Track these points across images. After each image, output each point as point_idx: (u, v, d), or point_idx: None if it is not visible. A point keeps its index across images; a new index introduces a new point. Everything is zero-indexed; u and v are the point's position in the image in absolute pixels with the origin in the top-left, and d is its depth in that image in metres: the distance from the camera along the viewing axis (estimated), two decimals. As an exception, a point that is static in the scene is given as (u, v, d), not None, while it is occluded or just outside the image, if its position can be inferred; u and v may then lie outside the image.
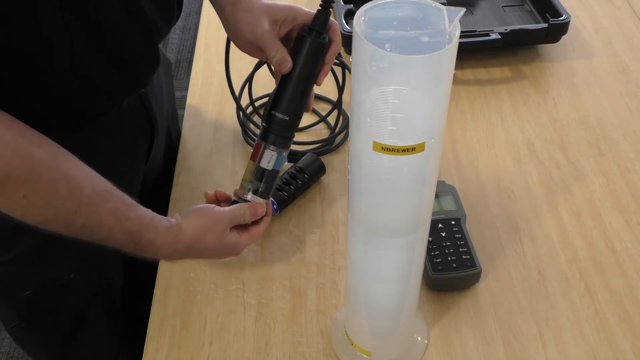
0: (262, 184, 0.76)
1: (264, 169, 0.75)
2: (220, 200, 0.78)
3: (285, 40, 0.76)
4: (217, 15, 0.82)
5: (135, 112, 0.86)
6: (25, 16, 0.63)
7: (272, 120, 0.74)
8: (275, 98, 0.74)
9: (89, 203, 0.65)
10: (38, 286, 0.88)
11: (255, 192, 0.76)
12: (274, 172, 0.76)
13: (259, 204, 0.76)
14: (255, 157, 0.75)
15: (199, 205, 0.75)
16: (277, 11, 0.75)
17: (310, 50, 0.72)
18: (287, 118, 0.74)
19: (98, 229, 0.66)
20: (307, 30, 0.73)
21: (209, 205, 0.75)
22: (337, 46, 0.74)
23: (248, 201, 0.76)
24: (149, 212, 0.70)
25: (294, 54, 0.73)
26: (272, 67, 0.82)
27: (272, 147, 0.75)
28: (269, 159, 0.75)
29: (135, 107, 0.86)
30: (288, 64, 0.73)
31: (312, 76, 0.74)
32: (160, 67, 0.97)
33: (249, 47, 0.79)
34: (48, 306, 0.93)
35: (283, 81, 0.74)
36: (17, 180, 0.60)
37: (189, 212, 0.73)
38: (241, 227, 0.75)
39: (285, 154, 0.76)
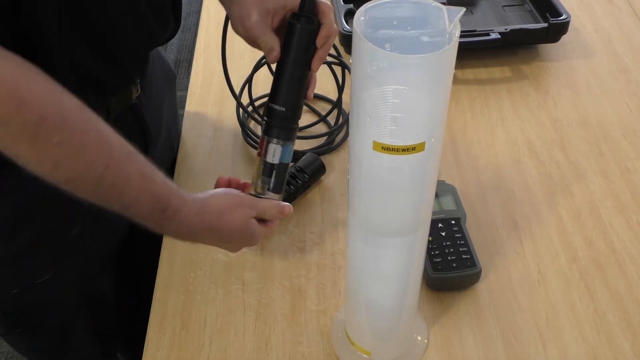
0: (271, 179, 0.74)
1: (271, 164, 0.74)
2: (232, 187, 0.76)
3: (280, 30, 0.74)
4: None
5: (127, 122, 0.84)
6: (26, 15, 0.64)
7: (270, 113, 0.73)
8: (271, 90, 0.73)
9: (118, 160, 0.63)
10: (18, 286, 0.87)
11: (264, 189, 0.74)
12: (282, 165, 0.75)
13: (287, 205, 0.75)
14: (261, 152, 0.74)
15: (222, 189, 0.73)
16: (267, 1, 0.73)
17: (299, 36, 0.70)
18: (284, 109, 0.72)
19: (126, 189, 0.64)
20: (295, 17, 0.71)
21: (233, 189, 0.74)
22: (328, 28, 0.72)
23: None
24: (171, 181, 0.68)
25: (284, 42, 0.72)
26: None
27: (275, 140, 0.73)
28: (273, 152, 0.74)
29: (127, 117, 0.85)
30: (274, 52, 0.71)
31: (305, 63, 0.72)
32: (161, 79, 0.97)
33: (249, 41, 0.78)
34: (33, 308, 0.93)
35: (277, 72, 0.73)
36: (52, 124, 0.58)
37: (213, 192, 0.71)
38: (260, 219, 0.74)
39: (291, 145, 0.75)
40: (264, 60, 1.03)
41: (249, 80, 1.04)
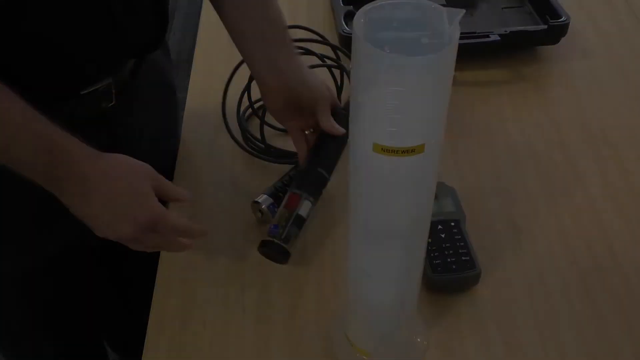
0: (299, 231, 0.82)
1: (301, 217, 0.82)
2: None
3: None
4: (261, 77, 0.84)
5: (94, 129, 0.77)
6: None
7: (315, 175, 0.84)
8: (322, 158, 0.85)
9: None
10: None
11: (289, 237, 0.80)
12: (304, 220, 0.83)
13: (187, 193, 0.77)
14: (292, 206, 0.82)
15: None
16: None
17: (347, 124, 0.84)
18: (329, 177, 0.85)
19: (2, 126, 0.61)
20: (342, 109, 0.87)
21: None
22: None
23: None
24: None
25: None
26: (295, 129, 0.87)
27: (311, 198, 0.83)
28: (308, 209, 0.82)
29: (96, 124, 0.80)
30: (342, 130, 0.82)
31: (345, 145, 0.86)
32: (153, 95, 0.95)
33: (291, 108, 0.83)
34: None
35: (331, 145, 0.85)
36: None
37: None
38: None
39: (315, 205, 0.84)
40: None
41: (247, 87, 1.04)
